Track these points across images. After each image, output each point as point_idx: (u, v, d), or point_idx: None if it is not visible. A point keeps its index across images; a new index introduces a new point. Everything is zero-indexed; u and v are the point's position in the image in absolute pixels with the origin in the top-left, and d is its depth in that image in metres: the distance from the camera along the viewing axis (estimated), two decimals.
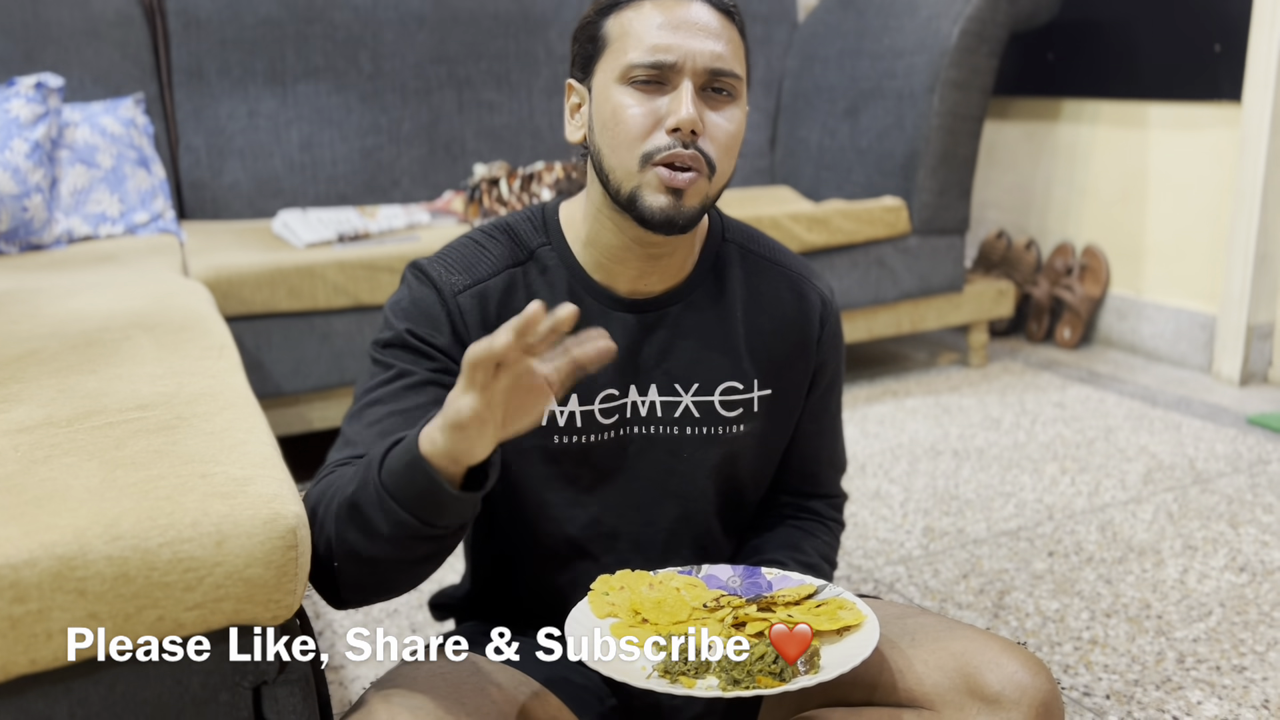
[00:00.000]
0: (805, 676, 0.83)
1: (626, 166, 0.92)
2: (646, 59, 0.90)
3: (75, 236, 2.28)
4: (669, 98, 0.91)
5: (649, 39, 0.90)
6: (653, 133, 0.90)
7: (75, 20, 2.50)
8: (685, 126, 0.89)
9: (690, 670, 0.84)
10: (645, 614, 0.90)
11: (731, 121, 0.93)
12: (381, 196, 2.76)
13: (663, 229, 0.92)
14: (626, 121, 0.91)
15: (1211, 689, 1.47)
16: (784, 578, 0.98)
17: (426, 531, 0.81)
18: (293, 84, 2.69)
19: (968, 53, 2.69)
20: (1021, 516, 2.03)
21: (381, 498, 0.80)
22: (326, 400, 2.20)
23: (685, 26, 0.90)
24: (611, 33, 0.93)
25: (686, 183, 0.90)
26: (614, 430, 1.01)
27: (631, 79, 0.91)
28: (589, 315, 0.99)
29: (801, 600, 0.94)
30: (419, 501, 0.79)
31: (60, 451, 0.90)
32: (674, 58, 0.90)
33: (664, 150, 0.90)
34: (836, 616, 0.90)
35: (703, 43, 0.90)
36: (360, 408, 0.96)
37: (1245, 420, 2.53)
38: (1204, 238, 2.89)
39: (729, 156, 0.93)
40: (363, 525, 0.82)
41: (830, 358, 1.08)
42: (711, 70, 0.91)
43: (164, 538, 0.76)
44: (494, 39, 2.87)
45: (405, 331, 0.96)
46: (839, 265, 2.69)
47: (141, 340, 1.30)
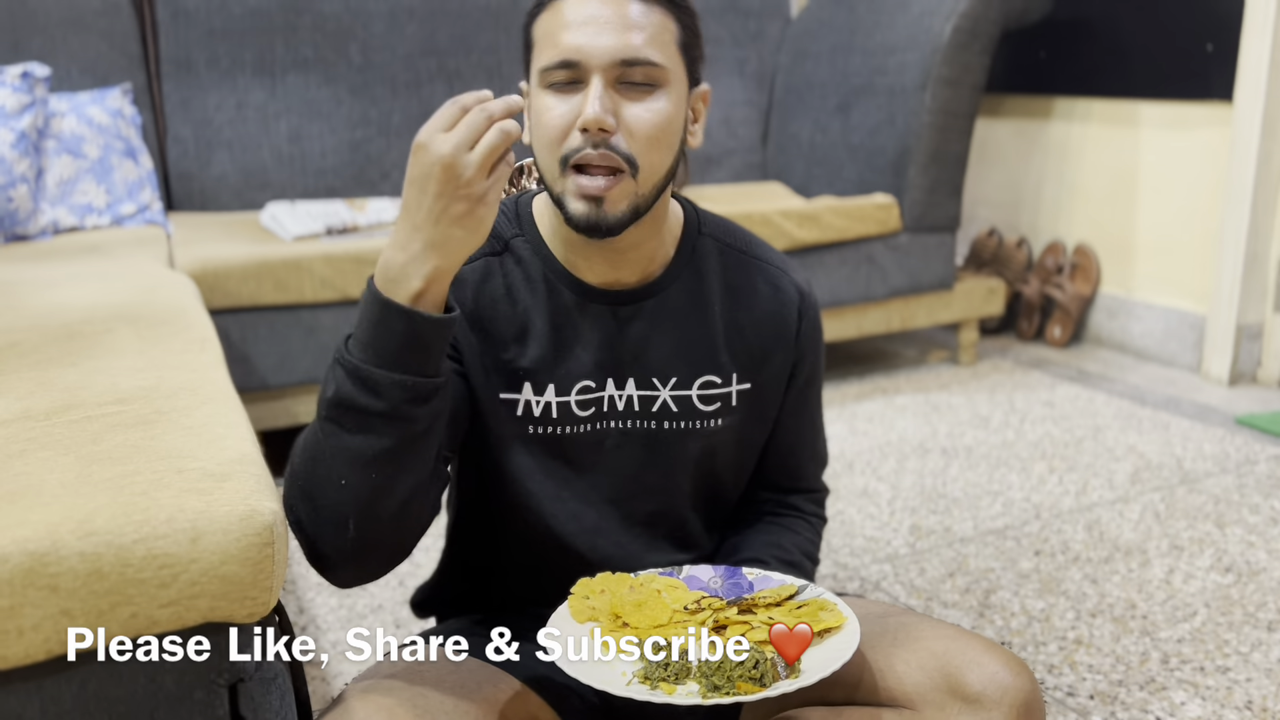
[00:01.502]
0: (785, 681, 0.82)
1: (551, 170, 0.91)
2: (554, 60, 0.89)
3: (61, 227, 2.27)
4: (581, 96, 0.89)
5: (557, 39, 0.89)
6: (569, 134, 0.89)
7: (62, 9, 2.48)
8: (590, 126, 0.87)
9: (670, 676, 0.84)
10: (626, 617, 0.90)
11: (654, 112, 0.90)
12: (370, 189, 2.75)
13: (589, 234, 0.91)
14: (545, 125, 0.90)
15: (1195, 690, 1.47)
16: (765, 578, 0.98)
17: (423, 386, 0.82)
18: (281, 75, 2.68)
19: (960, 50, 2.69)
20: (1009, 515, 2.03)
21: (362, 371, 0.81)
22: (312, 394, 2.19)
23: (592, 22, 0.88)
24: (535, 35, 0.92)
25: (602, 189, 0.89)
26: (590, 423, 1.00)
27: (549, 82, 0.90)
28: (565, 306, 0.99)
29: (783, 601, 0.94)
30: (398, 350, 0.81)
31: (36, 445, 0.89)
32: (578, 56, 0.88)
33: (577, 151, 0.89)
34: (818, 618, 0.89)
35: (610, 37, 0.88)
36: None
37: (1233, 420, 2.54)
38: (1194, 237, 2.89)
39: (655, 149, 0.90)
40: (357, 423, 0.82)
41: (809, 351, 1.08)
42: (621, 62, 0.88)
43: (138, 534, 0.75)
44: (484, 31, 2.86)
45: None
46: (829, 262, 2.68)
47: (123, 333, 1.29)
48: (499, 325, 0.98)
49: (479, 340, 0.98)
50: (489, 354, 0.98)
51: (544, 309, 0.99)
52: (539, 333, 0.98)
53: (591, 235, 0.91)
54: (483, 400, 0.98)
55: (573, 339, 0.99)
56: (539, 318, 0.98)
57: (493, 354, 0.98)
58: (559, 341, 0.99)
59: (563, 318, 0.99)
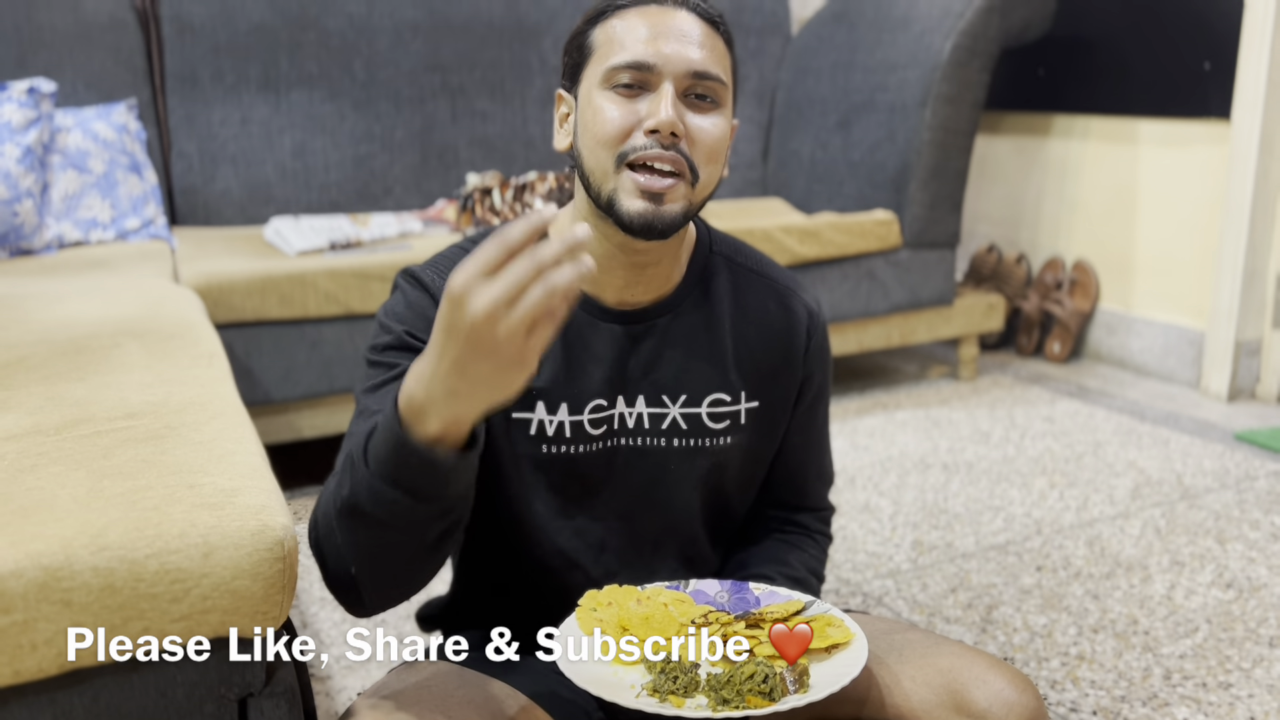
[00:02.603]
0: (795, 696, 0.83)
1: (604, 167, 0.92)
2: (627, 60, 0.91)
3: (66, 242, 2.28)
4: (649, 100, 0.91)
5: (631, 44, 0.91)
6: (631, 134, 0.91)
7: (68, 25, 2.50)
8: (664, 128, 0.89)
9: (680, 689, 0.84)
10: (633, 630, 0.90)
11: (715, 127, 0.93)
12: (374, 204, 2.76)
13: (642, 234, 0.91)
14: (605, 123, 0.91)
15: (1198, 705, 1.47)
16: (772, 593, 0.98)
17: (431, 510, 0.79)
18: (286, 91, 2.69)
19: (959, 67, 2.71)
20: (1010, 531, 2.03)
21: (377, 490, 0.77)
22: (316, 409, 2.20)
23: (668, 33, 0.91)
24: (597, 40, 0.94)
25: (665, 188, 0.90)
26: (602, 441, 1.01)
27: (613, 83, 0.91)
28: (576, 325, 0.99)
29: (789, 617, 0.94)
30: (411, 477, 0.76)
31: (47, 460, 0.90)
32: (654, 60, 0.90)
33: (639, 150, 0.90)
34: (825, 634, 0.90)
35: (685, 48, 0.91)
36: (359, 411, 0.95)
37: (1233, 436, 2.54)
38: (1193, 254, 2.91)
39: (713, 163, 0.93)
40: (369, 522, 0.80)
41: (817, 370, 1.09)
42: (694, 73, 0.91)
43: (151, 549, 0.76)
44: (488, 48, 2.88)
45: (404, 333, 0.96)
46: (830, 278, 2.69)
47: (131, 348, 1.30)
48: None
49: None
50: None
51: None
52: (552, 352, 0.99)
53: (646, 235, 0.91)
54: (495, 421, 0.99)
55: (585, 357, 0.99)
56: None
57: None
58: (571, 360, 0.99)
59: (574, 336, 1.00)
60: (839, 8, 3.12)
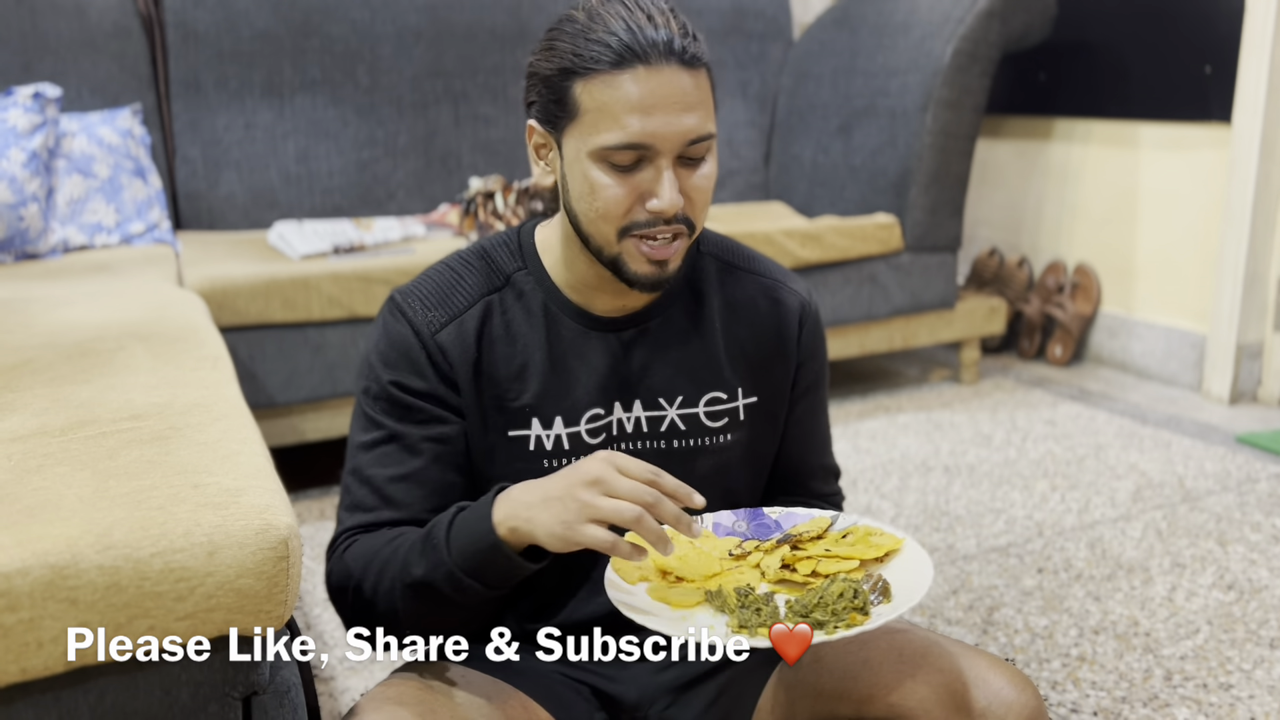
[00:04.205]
0: (884, 606, 0.84)
1: (606, 237, 0.93)
2: (623, 141, 0.89)
3: (71, 246, 2.29)
4: (647, 173, 0.90)
5: (625, 121, 0.88)
6: (633, 209, 0.91)
7: (73, 31, 2.51)
8: (669, 211, 0.90)
9: (766, 620, 0.83)
10: (675, 571, 0.90)
11: (706, 178, 0.94)
12: (377, 209, 2.77)
13: (649, 290, 0.95)
14: (606, 201, 0.91)
15: (1198, 706, 1.47)
16: (789, 514, 0.98)
17: (500, 594, 0.89)
18: (289, 96, 2.70)
19: (960, 72, 2.71)
20: (1011, 533, 2.04)
21: (458, 579, 0.87)
22: (319, 411, 2.21)
23: (661, 105, 0.88)
24: (583, 102, 0.90)
25: (672, 254, 0.93)
26: (601, 449, 1.01)
27: (609, 161, 0.90)
28: (568, 336, 1.00)
29: (824, 533, 0.94)
30: (498, 577, 0.87)
31: (53, 461, 0.91)
32: (651, 141, 0.89)
33: (644, 226, 0.91)
34: (871, 544, 0.90)
35: (679, 119, 0.89)
36: (362, 467, 0.98)
37: (1234, 439, 2.54)
38: (1194, 257, 2.91)
39: (707, 205, 0.95)
40: (437, 600, 0.88)
41: (809, 358, 1.09)
42: (689, 141, 0.90)
43: (156, 548, 0.76)
44: (490, 54, 2.89)
45: (390, 384, 0.97)
46: (832, 281, 2.70)
47: (135, 350, 1.31)
48: (499, 366, 0.99)
49: (485, 385, 0.99)
50: (493, 397, 0.99)
51: (543, 342, 1.00)
52: (539, 367, 0.99)
53: (653, 290, 0.95)
54: (493, 441, 0.99)
55: (576, 368, 1.00)
56: (538, 352, 1.00)
57: (497, 396, 0.99)
58: (561, 373, 1.00)
59: (564, 348, 1.00)
60: (840, 13, 3.14)
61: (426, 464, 0.97)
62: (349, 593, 0.94)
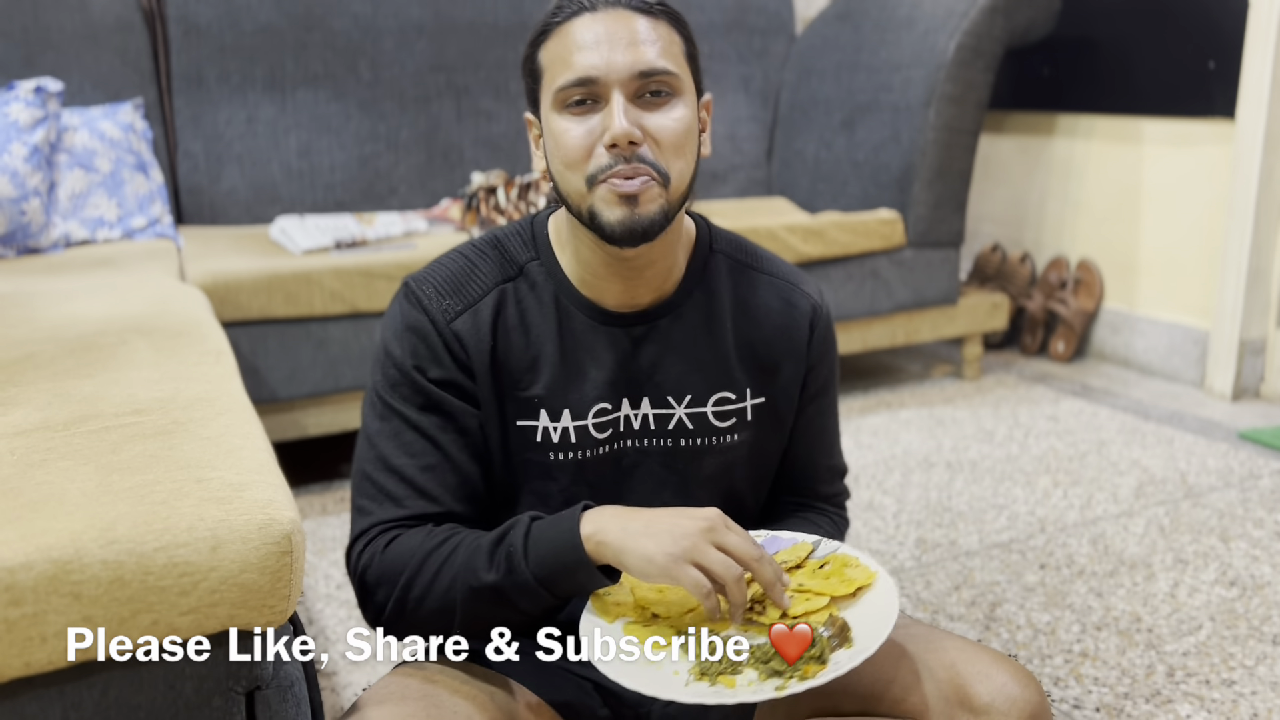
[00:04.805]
0: (843, 652, 0.82)
1: (578, 189, 0.92)
2: (571, 79, 0.90)
3: (73, 241, 2.29)
4: (602, 114, 0.91)
5: (571, 60, 0.90)
6: (593, 153, 0.91)
7: (75, 25, 2.51)
8: (620, 140, 0.89)
9: (727, 668, 0.82)
10: (653, 608, 0.89)
11: (676, 120, 0.92)
12: (379, 204, 2.77)
13: (625, 241, 0.92)
14: (567, 146, 0.91)
15: (1201, 703, 1.47)
16: (774, 539, 0.97)
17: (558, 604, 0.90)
18: (292, 91, 2.70)
19: (963, 67, 2.71)
20: (1014, 529, 2.04)
21: (530, 587, 0.88)
22: (321, 406, 2.21)
23: (605, 41, 0.90)
24: (544, 62, 0.94)
25: (637, 188, 0.90)
26: (608, 445, 1.01)
27: (566, 103, 0.91)
28: (578, 330, 1.00)
29: (803, 562, 0.93)
30: (570, 588, 0.89)
31: (56, 455, 0.91)
32: (596, 73, 0.90)
33: (605, 169, 0.90)
34: (845, 577, 0.89)
35: (625, 51, 0.90)
36: (387, 456, 0.96)
37: (1237, 435, 2.54)
38: (1197, 253, 2.91)
39: (680, 155, 0.93)
40: (501, 603, 0.89)
41: (820, 361, 1.08)
42: (639, 74, 0.90)
43: (159, 542, 0.76)
44: (492, 48, 2.89)
45: (413, 368, 0.97)
46: (834, 277, 2.70)
47: (138, 345, 1.31)
48: (513, 356, 0.99)
49: (499, 375, 0.98)
50: (506, 386, 0.99)
51: (555, 334, 0.99)
52: (550, 359, 0.99)
53: (628, 242, 0.92)
54: (503, 430, 0.99)
55: (586, 362, 1.00)
56: (550, 344, 0.99)
57: (509, 385, 0.99)
58: (571, 366, 0.99)
59: (574, 341, 1.00)
60: (843, 8, 3.13)
61: (454, 453, 0.96)
62: (394, 589, 0.91)
